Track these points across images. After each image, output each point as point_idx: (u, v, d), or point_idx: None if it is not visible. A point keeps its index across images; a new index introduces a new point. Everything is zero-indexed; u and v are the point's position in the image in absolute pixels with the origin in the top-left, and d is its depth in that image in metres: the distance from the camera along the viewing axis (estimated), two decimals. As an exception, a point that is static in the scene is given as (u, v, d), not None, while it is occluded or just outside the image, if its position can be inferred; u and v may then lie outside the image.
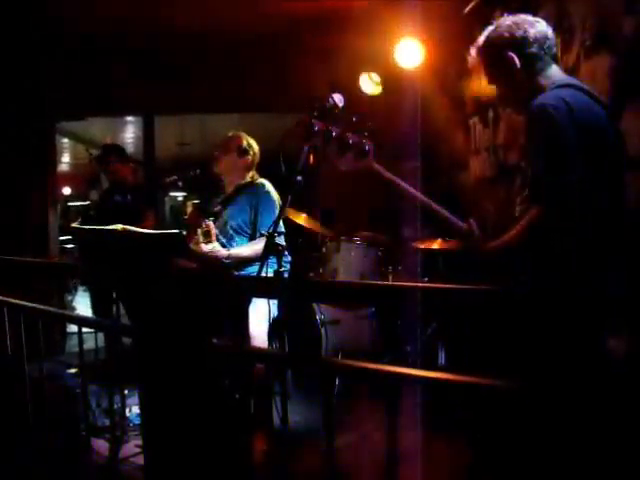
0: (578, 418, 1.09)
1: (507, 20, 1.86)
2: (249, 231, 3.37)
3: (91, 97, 5.29)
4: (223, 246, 3.24)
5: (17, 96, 5.03)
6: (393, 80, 4.59)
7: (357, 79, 4.67)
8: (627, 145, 2.44)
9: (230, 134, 3.58)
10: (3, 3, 4.27)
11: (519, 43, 1.81)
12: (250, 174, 3.52)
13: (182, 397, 1.31)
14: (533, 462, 1.56)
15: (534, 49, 1.81)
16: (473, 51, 1.93)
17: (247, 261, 3.23)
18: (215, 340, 1.30)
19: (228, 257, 3.18)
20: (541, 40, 1.81)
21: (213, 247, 3.10)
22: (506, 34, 1.83)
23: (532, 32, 1.81)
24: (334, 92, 2.19)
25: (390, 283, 3.42)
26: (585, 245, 1.59)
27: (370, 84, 4.68)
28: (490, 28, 1.89)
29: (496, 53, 1.86)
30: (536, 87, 1.80)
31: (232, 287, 1.58)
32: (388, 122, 4.56)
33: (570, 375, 1.49)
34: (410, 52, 4.34)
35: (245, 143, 3.48)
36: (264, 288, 1.75)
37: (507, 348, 1.67)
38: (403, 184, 1.90)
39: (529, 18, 1.86)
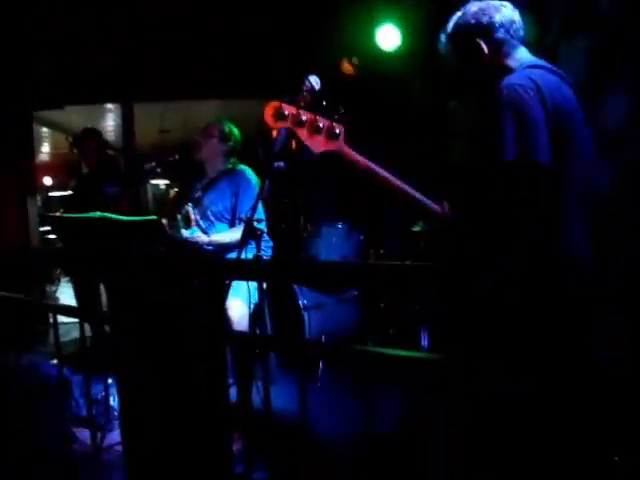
0: (569, 407, 1.09)
1: (473, 6, 1.88)
2: (229, 217, 3.36)
3: (69, 85, 5.21)
4: (204, 232, 3.23)
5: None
6: (373, 63, 4.57)
7: (337, 63, 4.65)
8: (605, 125, 2.45)
9: (212, 121, 3.57)
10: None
11: (485, 29, 1.83)
12: (231, 160, 3.52)
13: (156, 383, 1.31)
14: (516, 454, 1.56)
15: (500, 34, 1.83)
16: (442, 37, 1.94)
17: (227, 247, 3.22)
18: (190, 325, 1.29)
19: (209, 243, 3.18)
20: (507, 25, 1.84)
21: (193, 233, 3.09)
22: (472, 21, 1.85)
23: (498, 17, 1.83)
24: (311, 74, 2.16)
25: (373, 262, 3.43)
26: (554, 228, 1.60)
27: (350, 67, 4.66)
28: (457, 15, 1.90)
29: (463, 40, 1.88)
30: (504, 69, 1.81)
31: (211, 270, 1.57)
32: (367, 105, 4.55)
33: (559, 363, 1.49)
34: (390, 35, 4.32)
35: (227, 129, 3.49)
36: (245, 270, 1.75)
37: (493, 330, 1.67)
38: (376, 167, 1.89)
39: (494, 3, 1.87)
